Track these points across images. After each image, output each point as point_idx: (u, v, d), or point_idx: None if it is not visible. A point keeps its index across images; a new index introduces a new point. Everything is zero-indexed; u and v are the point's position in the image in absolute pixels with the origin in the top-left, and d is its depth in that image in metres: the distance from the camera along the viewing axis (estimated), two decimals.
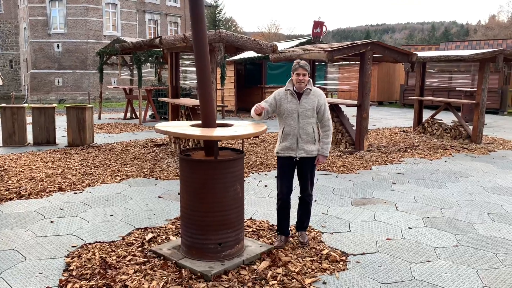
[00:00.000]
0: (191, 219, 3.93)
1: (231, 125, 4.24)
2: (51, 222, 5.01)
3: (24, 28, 44.53)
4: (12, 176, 6.99)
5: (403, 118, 17.55)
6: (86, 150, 9.43)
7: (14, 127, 9.79)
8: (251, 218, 5.21)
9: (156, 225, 4.97)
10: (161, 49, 10.45)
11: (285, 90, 4.21)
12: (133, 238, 4.52)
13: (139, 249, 4.23)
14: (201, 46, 3.91)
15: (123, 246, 4.31)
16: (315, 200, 5.99)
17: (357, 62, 15.28)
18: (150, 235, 4.56)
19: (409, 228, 4.98)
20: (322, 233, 4.77)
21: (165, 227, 4.88)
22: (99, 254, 4.09)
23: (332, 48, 8.92)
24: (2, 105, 10.03)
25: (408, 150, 9.97)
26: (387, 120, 16.86)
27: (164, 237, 4.55)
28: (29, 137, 10.29)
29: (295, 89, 4.18)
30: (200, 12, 3.89)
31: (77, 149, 9.49)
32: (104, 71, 16.72)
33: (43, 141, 10.02)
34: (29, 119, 10.68)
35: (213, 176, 3.82)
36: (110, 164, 8.01)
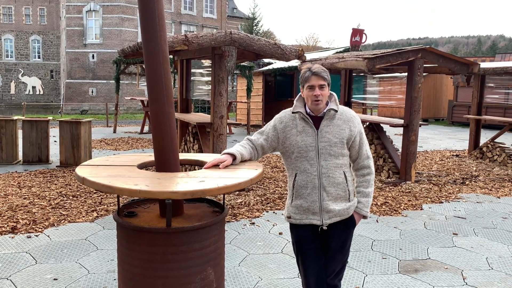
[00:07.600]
0: None
1: (206, 163, 2.61)
2: None
3: (64, 38, 44.97)
4: None
5: (453, 139, 15.40)
6: None
7: (2, 142, 8.55)
8: None
9: None
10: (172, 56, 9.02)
11: (293, 113, 2.55)
12: None
13: None
14: (151, 45, 2.35)
15: None
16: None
17: (402, 74, 13.34)
18: None
19: None
20: None
21: None
22: None
23: (374, 55, 7.21)
24: None
25: (467, 182, 8.03)
26: (435, 140, 14.78)
27: None
28: (21, 154, 9.05)
29: (309, 111, 2.54)
30: None
31: (66, 171, 8.11)
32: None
33: (34, 159, 8.72)
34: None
35: (163, 257, 2.22)
36: (94, 193, 6.56)
